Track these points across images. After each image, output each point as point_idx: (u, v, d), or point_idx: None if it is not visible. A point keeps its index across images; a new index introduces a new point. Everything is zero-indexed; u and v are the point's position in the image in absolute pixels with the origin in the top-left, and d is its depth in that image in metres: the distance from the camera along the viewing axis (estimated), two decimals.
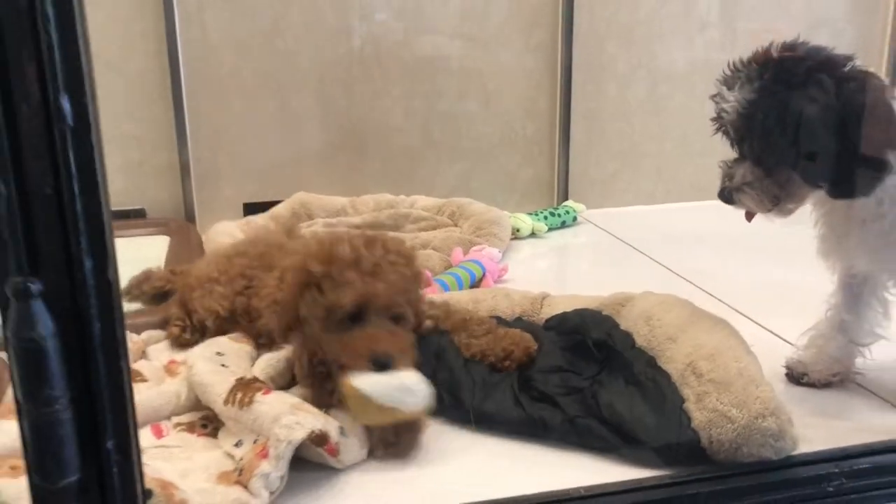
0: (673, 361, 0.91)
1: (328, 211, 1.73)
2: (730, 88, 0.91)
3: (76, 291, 0.60)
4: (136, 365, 1.06)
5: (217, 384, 0.91)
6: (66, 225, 0.59)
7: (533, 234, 1.76)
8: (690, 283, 1.44)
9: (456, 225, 1.72)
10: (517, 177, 1.95)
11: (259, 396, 0.86)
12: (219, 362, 0.98)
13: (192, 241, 1.62)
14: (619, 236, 1.76)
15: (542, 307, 1.20)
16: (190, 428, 0.93)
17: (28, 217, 0.59)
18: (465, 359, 1.00)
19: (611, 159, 1.99)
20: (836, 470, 0.85)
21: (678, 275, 1.50)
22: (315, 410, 0.85)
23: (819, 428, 0.91)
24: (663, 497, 0.83)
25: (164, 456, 0.86)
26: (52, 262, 0.59)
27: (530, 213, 1.79)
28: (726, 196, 0.95)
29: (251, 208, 1.79)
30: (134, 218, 1.75)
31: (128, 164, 1.74)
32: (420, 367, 0.92)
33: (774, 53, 0.91)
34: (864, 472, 0.86)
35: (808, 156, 0.90)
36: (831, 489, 0.85)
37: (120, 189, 1.73)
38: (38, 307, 0.58)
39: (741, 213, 0.97)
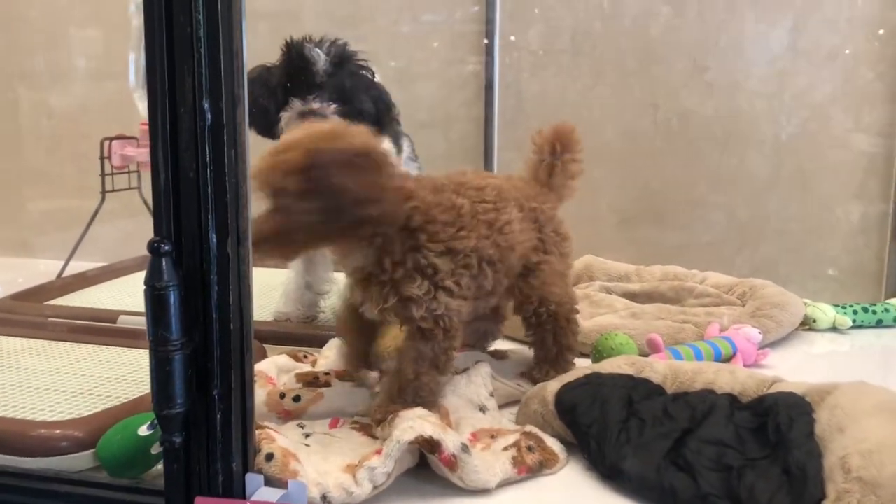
0: (831, 453, 0.77)
1: (610, 275, 1.73)
2: None
3: (203, 259, 0.75)
4: None
5: None
6: (199, 203, 0.74)
7: (834, 328, 1.56)
8: None
9: (743, 306, 1.60)
10: (835, 266, 1.76)
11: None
12: None
13: None
14: None
15: (767, 390, 1.08)
16: (361, 428, 1.02)
17: (177, 193, 0.74)
18: (628, 414, 0.95)
19: None
20: None
21: None
22: (438, 422, 0.89)
23: None
24: None
25: (325, 442, 0.97)
26: (189, 230, 0.74)
27: (837, 305, 1.59)
28: None
29: None
30: None
31: None
32: (579, 411, 0.93)
33: None
34: None
35: None
36: None
37: None
38: (167, 262, 0.73)
39: None
